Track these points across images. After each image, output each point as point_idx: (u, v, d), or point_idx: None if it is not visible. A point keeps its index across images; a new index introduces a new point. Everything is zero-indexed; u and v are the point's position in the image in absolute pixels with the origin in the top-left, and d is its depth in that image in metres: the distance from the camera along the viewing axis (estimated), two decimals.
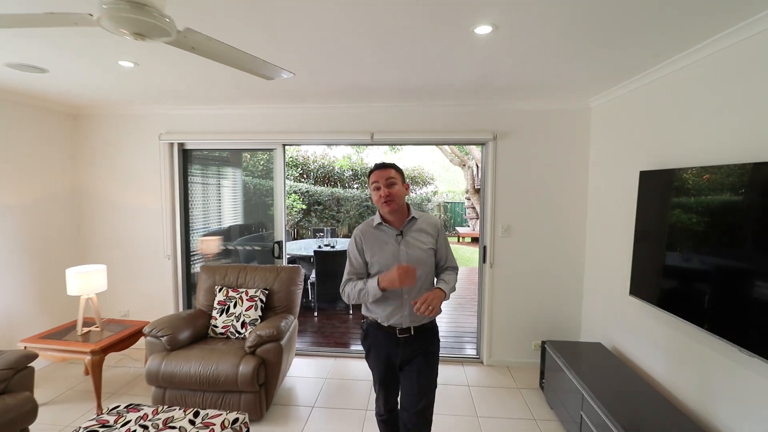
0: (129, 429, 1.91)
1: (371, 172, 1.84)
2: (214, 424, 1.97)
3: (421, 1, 1.56)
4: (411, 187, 11.46)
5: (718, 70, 1.94)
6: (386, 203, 1.77)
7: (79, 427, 1.93)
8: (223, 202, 4.09)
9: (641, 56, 2.18)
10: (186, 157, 3.74)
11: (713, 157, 1.95)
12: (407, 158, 13.15)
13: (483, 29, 1.80)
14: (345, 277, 1.91)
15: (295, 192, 9.86)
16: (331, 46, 2.06)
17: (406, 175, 1.77)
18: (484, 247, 3.47)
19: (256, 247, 4.02)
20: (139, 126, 3.63)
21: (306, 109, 3.48)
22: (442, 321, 4.66)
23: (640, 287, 2.41)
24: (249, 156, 4.18)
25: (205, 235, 3.98)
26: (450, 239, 1.68)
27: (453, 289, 1.84)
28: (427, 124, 3.42)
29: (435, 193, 13.28)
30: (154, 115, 3.60)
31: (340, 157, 11.67)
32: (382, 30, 1.85)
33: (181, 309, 3.74)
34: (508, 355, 3.50)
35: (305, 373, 3.37)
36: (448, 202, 13.58)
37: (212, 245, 4.08)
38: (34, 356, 2.38)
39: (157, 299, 3.70)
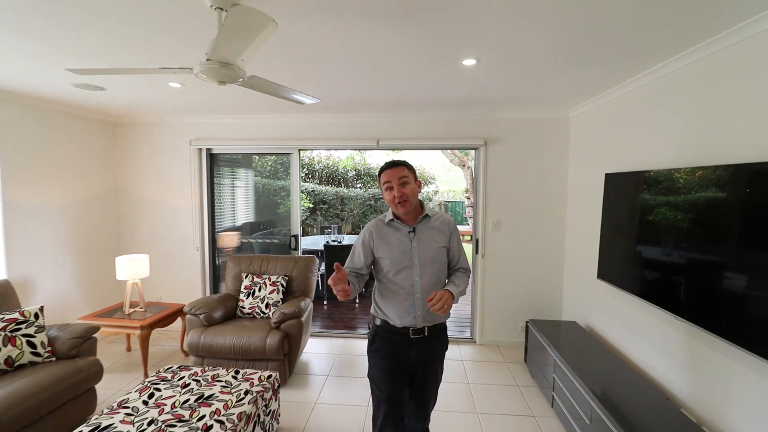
0: (184, 382, 2.38)
1: (382, 170, 1.77)
2: (253, 379, 2.43)
3: (417, 42, 2.02)
4: None
5: (661, 91, 2.40)
6: (401, 204, 1.71)
7: (144, 380, 2.40)
8: (238, 201, 4.56)
9: (601, 79, 2.63)
10: (212, 160, 4.21)
11: (658, 161, 2.40)
12: (409, 158, 13.53)
13: (469, 62, 2.26)
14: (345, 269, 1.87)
15: (302, 191, 10.33)
16: (342, 76, 2.53)
17: (414, 168, 1.84)
18: (477, 240, 3.93)
19: (275, 241, 4.49)
20: (171, 133, 4.11)
21: (319, 119, 3.94)
22: None
23: (605, 271, 2.87)
24: (257, 158, 4.65)
25: (223, 231, 4.46)
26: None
27: (463, 293, 1.75)
28: (425, 131, 3.88)
29: (436, 192, 13.74)
30: (185, 124, 4.08)
31: (344, 157, 12.12)
32: (385, 64, 2.31)
33: (208, 293, 4.21)
34: (498, 335, 3.95)
35: (319, 350, 3.84)
36: (448, 202, 14.02)
37: (231, 239, 4.55)
38: (98, 328, 2.85)
39: (187, 285, 4.17)
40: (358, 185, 11.55)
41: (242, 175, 4.65)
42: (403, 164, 1.76)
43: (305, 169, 11.19)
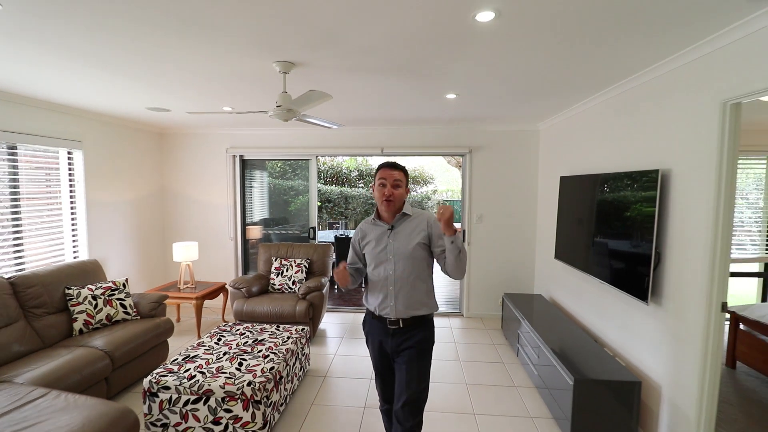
0: (240, 332, 3.21)
1: (381, 167, 1.91)
2: (291, 330, 3.26)
3: (413, 86, 2.83)
4: (413, 185, 12.80)
5: (587, 119, 3.22)
6: (387, 202, 1.87)
7: (210, 331, 3.23)
8: (254, 199, 5.37)
9: (543, 109, 3.45)
10: (243, 165, 5.04)
11: (590, 168, 3.23)
12: (411, 161, 14.42)
13: (450, 96, 3.09)
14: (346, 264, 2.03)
15: (308, 191, 11.14)
16: (357, 105, 3.35)
17: (409, 175, 2.02)
18: (464, 231, 4.75)
19: (290, 233, 5.30)
20: (209, 142, 4.93)
21: (334, 131, 4.76)
22: (440, 292, 5.95)
23: (559, 253, 3.69)
24: (267, 162, 5.47)
25: (250, 224, 5.27)
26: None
27: (461, 246, 1.79)
28: (421, 140, 4.70)
29: (435, 191, 14.56)
30: (221, 134, 4.90)
31: (347, 158, 12.93)
32: (389, 97, 3.13)
33: (240, 275, 5.04)
34: (481, 309, 4.78)
35: (333, 321, 4.67)
36: (446, 201, 14.85)
37: (256, 231, 5.37)
38: (166, 297, 3.68)
39: (222, 268, 5.00)
40: (360, 185, 12.39)
41: (258, 176, 5.45)
42: (401, 169, 1.92)
43: (308, 169, 12.02)
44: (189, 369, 2.55)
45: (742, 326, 3.47)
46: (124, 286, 3.44)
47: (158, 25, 1.85)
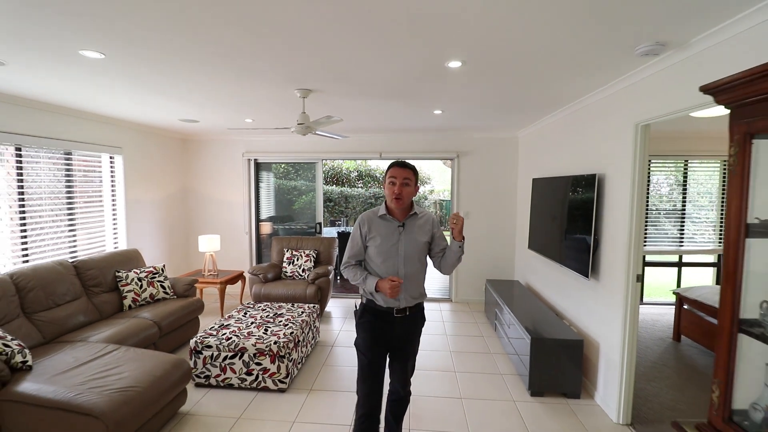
0: (262, 308, 3.84)
1: (392, 165, 2.01)
2: (303, 307, 3.89)
3: (405, 104, 3.46)
4: None
5: (549, 131, 3.86)
6: (397, 199, 1.95)
7: (239, 305, 3.85)
8: (261, 198, 6.00)
9: (515, 122, 4.09)
10: (257, 167, 5.66)
11: (553, 170, 3.87)
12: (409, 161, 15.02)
13: (437, 111, 3.73)
14: (345, 258, 2.10)
15: (311, 191, 11.77)
16: (358, 118, 3.97)
17: (418, 174, 2.09)
18: None
19: (295, 227, 5.93)
20: (227, 147, 5.56)
21: None
22: (432, 280, 6.59)
23: (531, 243, 4.33)
24: (276, 164, 6.09)
25: (263, 220, 5.90)
26: (445, 233, 1.96)
27: (462, 251, 2.03)
28: (415, 145, 5.33)
29: (432, 191, 15.21)
30: (238, 140, 5.52)
31: (348, 159, 13.56)
32: (384, 113, 3.76)
33: (254, 264, 5.66)
34: (468, 294, 5.42)
35: (336, 305, 5.30)
36: (443, 200, 15.49)
37: (266, 227, 5.99)
38: (197, 280, 4.30)
39: (238, 258, 5.63)
40: (360, 185, 13.03)
41: (264, 177, 6.05)
42: (411, 168, 2.02)
43: (313, 171, 12.68)
44: (225, 333, 3.18)
45: (685, 306, 4.11)
46: (162, 270, 4.07)
47: (209, 66, 2.47)
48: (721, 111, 1.55)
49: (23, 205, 3.49)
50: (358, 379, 2.06)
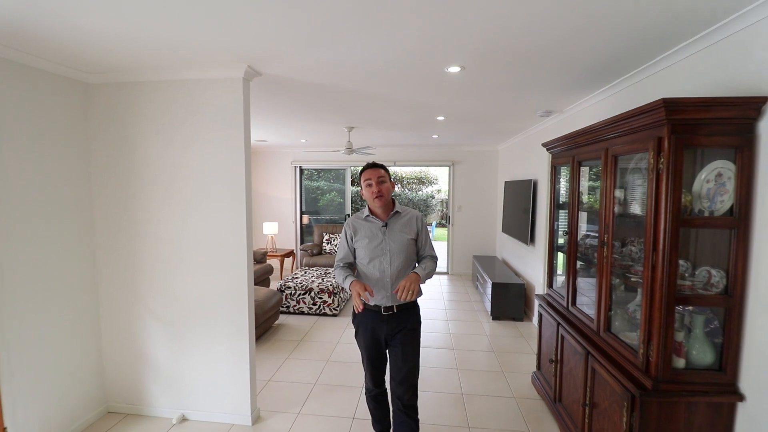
0: (314, 271, 5.63)
1: (363, 170, 2.07)
2: None
3: (411, 134, 5.20)
4: (421, 185, 15.13)
5: (518, 147, 5.57)
6: (378, 198, 2.00)
7: (294, 270, 5.66)
8: (296, 196, 7.81)
9: (490, 141, 5.81)
10: (301, 172, 7.48)
11: (516, 176, 5.58)
12: (416, 169, 16.73)
13: (435, 136, 5.48)
14: (336, 261, 2.16)
15: (333, 190, 13.57)
16: (381, 139, 5.74)
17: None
18: (449, 217, 7.12)
19: (323, 218, 7.72)
20: (278, 157, 7.38)
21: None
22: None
23: (503, 227, 6.05)
24: (306, 170, 7.89)
25: (303, 213, 7.72)
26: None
27: (429, 275, 2.03)
28: (420, 156, 7.09)
29: (438, 191, 16.85)
30: (286, 152, 7.34)
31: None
32: (396, 136, 5.51)
33: (299, 245, 7.47)
34: (461, 268, 7.15)
35: None
36: (446, 199, 17.11)
37: (305, 218, 7.81)
38: (267, 252, 6.13)
39: (286, 240, 7.45)
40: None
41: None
42: (381, 167, 2.07)
43: (332, 173, 14.49)
44: (296, 280, 4.98)
45: None
46: None
47: (293, 113, 4.25)
48: None
49: None
50: (363, 366, 2.22)
